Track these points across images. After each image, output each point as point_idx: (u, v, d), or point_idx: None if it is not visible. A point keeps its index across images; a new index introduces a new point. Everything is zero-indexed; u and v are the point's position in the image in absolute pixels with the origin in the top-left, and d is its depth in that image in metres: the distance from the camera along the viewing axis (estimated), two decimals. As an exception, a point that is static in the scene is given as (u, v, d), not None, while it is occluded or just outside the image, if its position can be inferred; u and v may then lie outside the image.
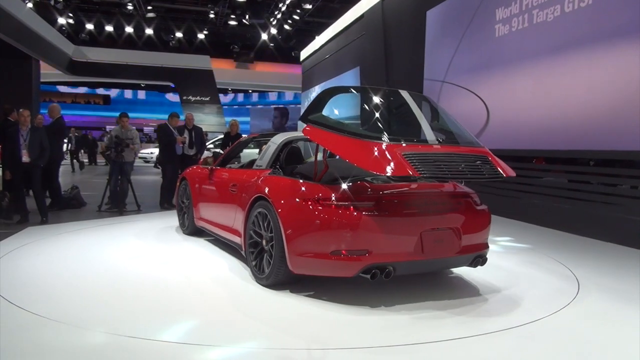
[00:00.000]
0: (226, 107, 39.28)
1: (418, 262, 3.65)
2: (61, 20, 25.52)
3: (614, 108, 6.43)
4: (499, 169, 3.74)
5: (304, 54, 24.23)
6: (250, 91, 39.89)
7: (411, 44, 12.28)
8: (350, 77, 17.18)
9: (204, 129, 10.74)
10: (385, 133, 3.62)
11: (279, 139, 4.90)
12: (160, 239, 5.99)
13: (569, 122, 7.14)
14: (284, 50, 30.79)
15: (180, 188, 6.44)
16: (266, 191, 4.09)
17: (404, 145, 3.49)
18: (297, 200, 3.76)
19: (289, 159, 4.79)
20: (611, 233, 6.32)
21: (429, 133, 3.84)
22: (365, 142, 3.50)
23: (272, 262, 3.88)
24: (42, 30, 20.29)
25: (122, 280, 4.17)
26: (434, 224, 3.70)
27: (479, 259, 3.97)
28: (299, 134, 4.86)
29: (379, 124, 3.80)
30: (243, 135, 8.95)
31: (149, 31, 28.01)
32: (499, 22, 8.78)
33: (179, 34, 28.85)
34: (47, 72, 26.18)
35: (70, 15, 25.73)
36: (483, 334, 3.16)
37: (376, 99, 4.04)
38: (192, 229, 6.10)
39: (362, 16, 15.71)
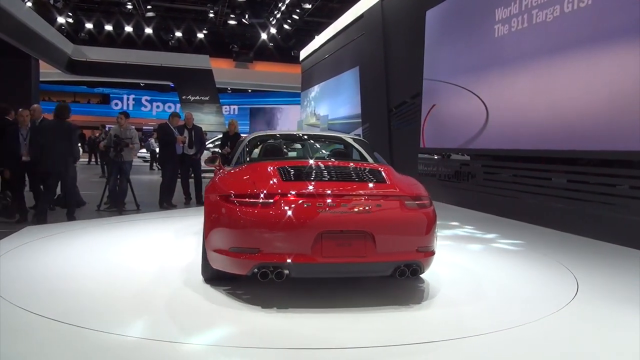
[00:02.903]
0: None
1: (316, 265, 3.46)
2: (60, 20, 25.51)
3: (612, 108, 6.43)
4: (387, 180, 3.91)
5: (304, 53, 24.23)
6: (249, 90, 39.84)
7: (411, 43, 12.28)
8: (349, 77, 17.19)
9: (203, 129, 10.75)
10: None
11: (249, 137, 5.07)
12: (159, 238, 5.99)
13: (568, 122, 7.14)
14: (284, 50, 30.78)
15: None
16: (207, 188, 4.28)
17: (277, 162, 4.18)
18: (211, 196, 3.89)
19: (265, 156, 4.81)
20: (611, 233, 6.33)
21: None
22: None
23: (202, 256, 4.03)
24: (41, 30, 20.27)
25: (122, 280, 4.17)
26: (339, 225, 3.45)
27: (404, 269, 3.59)
28: (277, 131, 5.14)
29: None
30: (242, 135, 8.96)
31: (148, 30, 28.00)
32: (499, 22, 8.78)
33: (178, 34, 28.84)
34: (47, 71, 26.16)
35: (70, 14, 25.72)
36: (478, 334, 3.16)
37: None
38: None
39: (361, 16, 15.71)
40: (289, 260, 3.40)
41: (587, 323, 3.48)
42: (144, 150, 22.61)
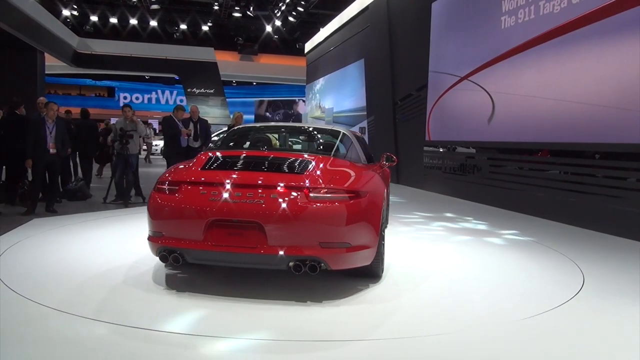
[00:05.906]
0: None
1: (207, 253, 3.53)
2: (65, 12, 25.49)
3: (620, 100, 6.38)
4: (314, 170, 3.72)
5: (309, 46, 24.14)
6: (254, 83, 39.73)
7: (416, 36, 12.21)
8: (354, 70, 17.13)
9: (208, 121, 10.74)
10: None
11: (235, 128, 5.30)
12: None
13: (575, 114, 7.10)
14: (289, 43, 30.64)
15: None
16: None
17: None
18: None
19: (254, 147, 4.92)
20: (618, 226, 6.30)
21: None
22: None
23: None
24: (46, 22, 20.27)
25: (129, 271, 4.20)
26: (229, 214, 3.44)
27: (299, 264, 3.42)
28: (256, 124, 5.64)
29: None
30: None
31: (153, 23, 27.93)
32: (505, 13, 8.71)
33: (183, 26, 28.76)
34: (52, 64, 26.20)
35: (75, 7, 25.70)
36: (485, 326, 3.16)
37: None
38: None
39: (367, 8, 15.62)
40: (184, 246, 3.54)
41: (591, 317, 3.47)
42: (153, 142, 21.73)
